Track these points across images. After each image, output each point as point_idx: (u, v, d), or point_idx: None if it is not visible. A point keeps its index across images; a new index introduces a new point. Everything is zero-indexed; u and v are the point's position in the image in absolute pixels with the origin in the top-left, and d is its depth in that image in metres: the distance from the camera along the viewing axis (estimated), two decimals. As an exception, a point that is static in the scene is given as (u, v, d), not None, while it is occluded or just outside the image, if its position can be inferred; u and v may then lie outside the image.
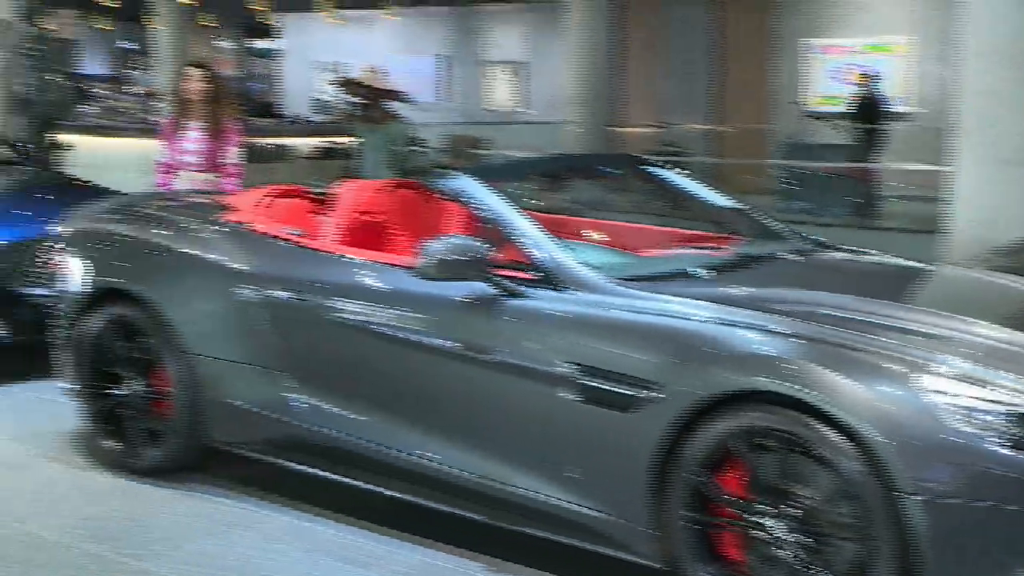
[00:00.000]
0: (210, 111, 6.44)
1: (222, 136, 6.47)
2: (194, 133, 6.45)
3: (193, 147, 6.45)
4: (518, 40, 19.59)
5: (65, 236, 5.08)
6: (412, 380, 3.81)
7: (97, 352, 4.65)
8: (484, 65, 19.93)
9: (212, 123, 6.44)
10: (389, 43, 20.55)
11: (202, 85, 6.42)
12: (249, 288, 4.19)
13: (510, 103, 19.80)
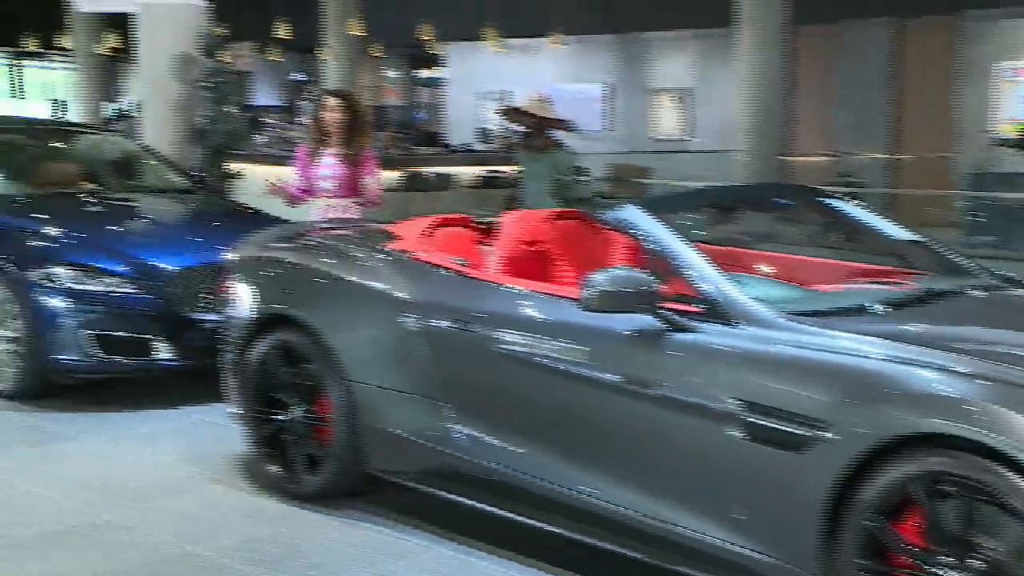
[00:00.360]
0: (348, 139, 6.57)
1: (360, 163, 6.59)
2: (330, 159, 6.60)
3: (329, 173, 6.59)
4: (684, 67, 19.49)
5: (233, 263, 5.31)
6: (574, 413, 3.82)
7: (262, 377, 4.83)
8: (649, 93, 19.90)
9: (349, 150, 6.57)
10: (554, 71, 20.74)
11: (340, 114, 6.56)
12: (412, 317, 4.29)
13: (676, 131, 19.69)
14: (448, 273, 4.36)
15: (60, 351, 6.08)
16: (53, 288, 6.09)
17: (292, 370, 4.71)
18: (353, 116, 6.59)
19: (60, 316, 6.07)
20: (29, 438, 5.66)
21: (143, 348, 6.13)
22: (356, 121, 6.60)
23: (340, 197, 6.58)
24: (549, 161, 8.07)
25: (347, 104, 6.61)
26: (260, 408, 4.85)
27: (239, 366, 4.94)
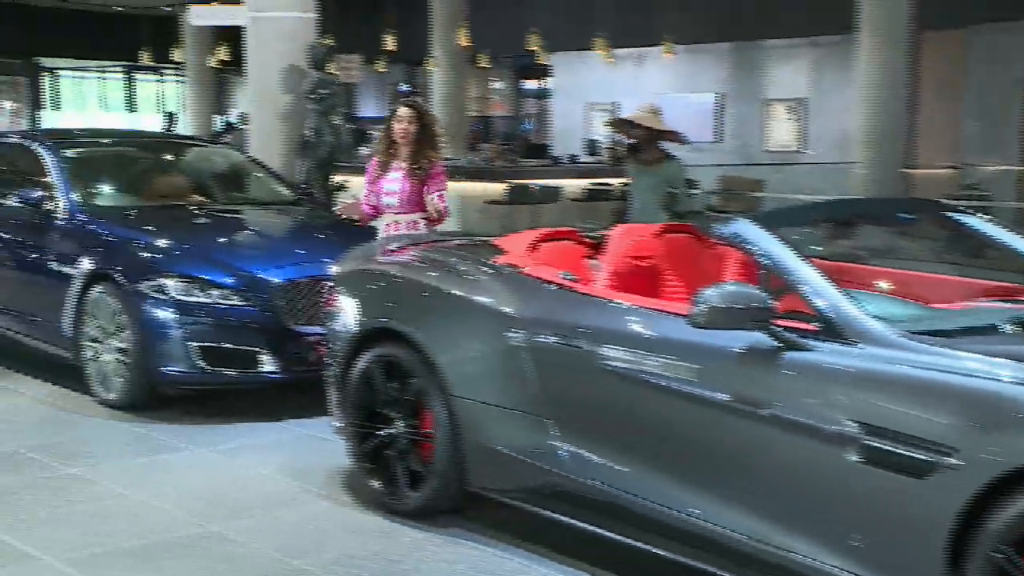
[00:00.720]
0: (416, 152, 6.41)
1: (427, 178, 6.40)
2: (398, 174, 6.45)
3: (395, 188, 6.44)
4: (799, 75, 19.20)
5: (338, 276, 5.40)
6: (682, 432, 3.79)
7: (365, 391, 4.89)
8: (762, 103, 19.67)
9: (417, 164, 6.40)
10: (663, 81, 20.64)
11: (410, 126, 6.41)
12: (518, 332, 4.30)
13: (790, 143, 19.41)
14: (555, 288, 4.36)
15: (167, 362, 6.26)
16: (161, 299, 6.27)
17: (395, 384, 4.76)
18: (422, 128, 6.43)
19: (168, 327, 6.24)
20: (139, 448, 5.83)
21: (248, 360, 6.27)
22: (425, 133, 6.44)
23: (405, 212, 6.41)
24: (659, 174, 8.02)
25: (417, 115, 6.44)
26: (363, 422, 4.91)
27: (342, 380, 5.01)
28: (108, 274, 6.53)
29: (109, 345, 6.53)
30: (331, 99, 11.05)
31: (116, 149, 8.48)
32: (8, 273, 7.43)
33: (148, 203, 7.50)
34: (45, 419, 6.35)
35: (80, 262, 6.74)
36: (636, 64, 21.10)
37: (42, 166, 7.48)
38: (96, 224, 6.94)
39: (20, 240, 7.36)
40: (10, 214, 7.48)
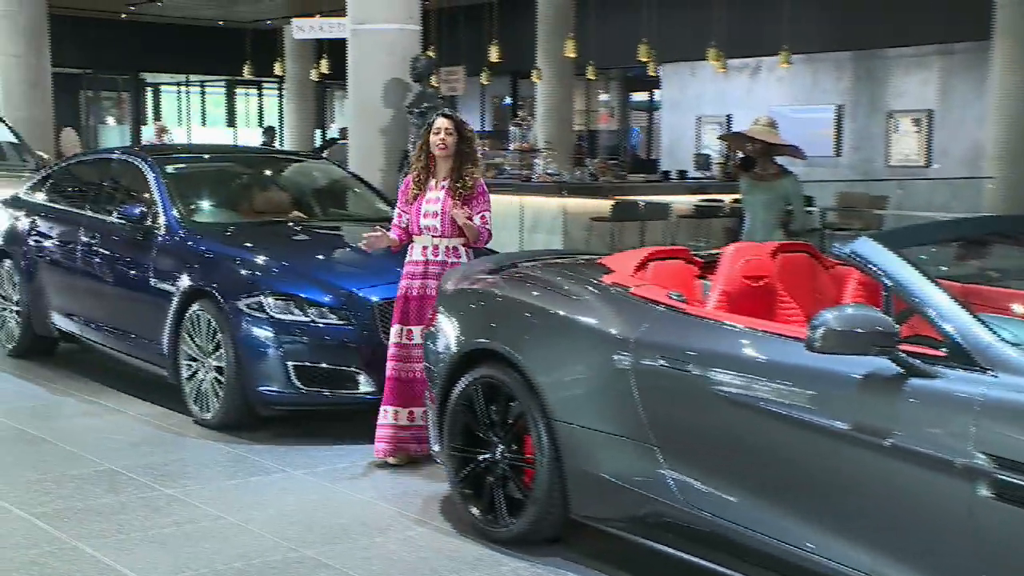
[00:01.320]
0: (457, 168, 5.95)
1: (469, 198, 5.93)
2: (439, 193, 5.94)
3: (437, 208, 5.91)
4: (925, 86, 18.81)
5: (440, 294, 5.43)
6: (797, 462, 3.72)
7: (465, 414, 4.91)
8: (885, 115, 19.30)
9: (460, 182, 5.93)
10: (780, 92, 20.40)
11: (449, 138, 5.94)
12: (624, 355, 4.27)
13: (915, 157, 19.01)
14: (663, 309, 4.33)
15: (264, 382, 6.36)
16: (259, 317, 6.38)
17: (496, 408, 4.77)
18: (461, 140, 5.98)
19: (265, 346, 6.35)
20: (234, 469, 5.93)
21: (345, 380, 6.34)
22: (465, 147, 5.98)
23: (447, 236, 5.90)
24: (774, 190, 7.92)
25: (455, 126, 5.99)
26: (462, 446, 4.92)
27: (442, 402, 5.03)
28: (206, 291, 6.67)
29: (206, 364, 6.66)
30: (432, 113, 11.17)
31: (216, 165, 8.68)
32: (108, 289, 7.65)
33: (247, 219, 7.65)
34: (144, 438, 6.51)
35: (179, 279, 6.90)
36: (750, 75, 20.90)
37: (143, 182, 7.70)
38: (195, 240, 7.11)
39: (120, 256, 7.57)
40: (111, 230, 7.71)
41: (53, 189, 8.89)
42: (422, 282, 5.87)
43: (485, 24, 19.88)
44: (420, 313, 5.80)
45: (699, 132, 21.72)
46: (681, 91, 22.26)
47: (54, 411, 7.19)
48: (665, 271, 4.77)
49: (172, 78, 30.60)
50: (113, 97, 30.62)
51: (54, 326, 8.32)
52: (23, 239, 8.66)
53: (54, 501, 5.33)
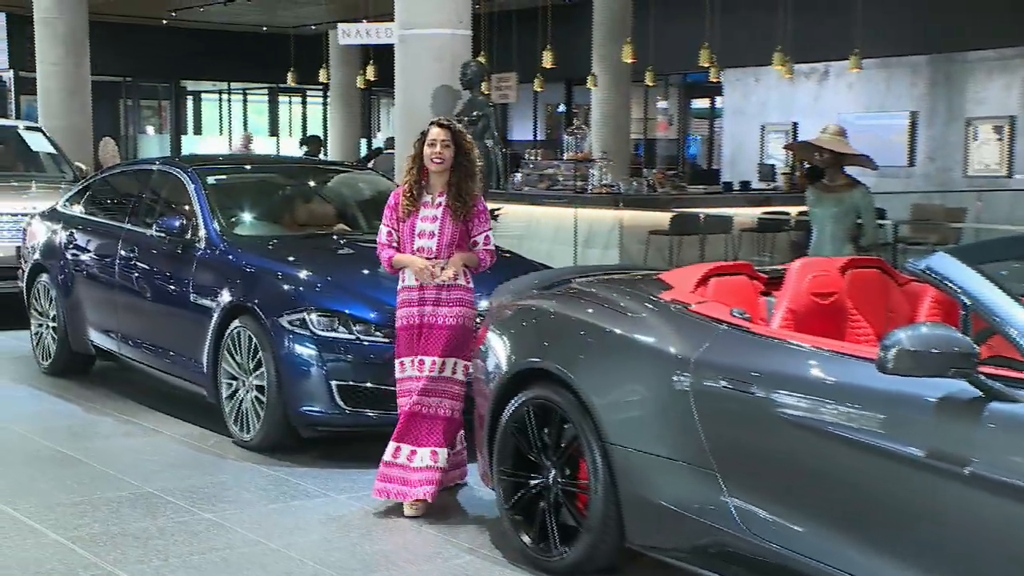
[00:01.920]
0: (457, 183, 5.63)
1: (469, 216, 5.65)
2: (435, 211, 5.63)
3: (434, 228, 5.61)
4: (1009, 91, 18.58)
5: (488, 311, 5.44)
6: (868, 490, 3.67)
7: (515, 437, 4.91)
8: (964, 122, 19.10)
9: (456, 199, 5.61)
10: (850, 99, 20.25)
11: (445, 151, 5.58)
12: (684, 375, 4.25)
13: (996, 166, 18.78)
14: (726, 327, 4.31)
15: (306, 402, 6.40)
16: (302, 335, 6.42)
17: (549, 430, 4.76)
18: (459, 153, 5.64)
19: (307, 365, 6.39)
20: (275, 493, 5.97)
21: (391, 401, 6.35)
22: (463, 163, 5.64)
23: (443, 258, 5.60)
24: (844, 202, 7.87)
25: (452, 136, 5.63)
26: (513, 471, 4.92)
27: (492, 424, 5.03)
28: (247, 307, 6.73)
29: (247, 383, 6.72)
30: (484, 121, 11.20)
31: (259, 175, 8.78)
32: (146, 305, 7.74)
33: (290, 232, 7.72)
34: (182, 460, 6.57)
35: (219, 294, 6.97)
36: (818, 81, 20.77)
37: (184, 193, 7.79)
38: (236, 254, 7.17)
39: (159, 270, 7.66)
40: (150, 243, 7.80)
41: (91, 201, 9.02)
42: (421, 310, 5.58)
43: (538, 28, 19.94)
44: (431, 342, 5.56)
45: (763, 141, 21.62)
46: (744, 98, 22.17)
47: (90, 431, 7.28)
48: (727, 287, 4.75)
49: (214, 86, 30.96)
50: (153, 106, 31.03)
51: (91, 343, 8.43)
52: (60, 253, 8.80)
53: (90, 525, 5.39)
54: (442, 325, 5.56)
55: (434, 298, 5.58)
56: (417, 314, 5.59)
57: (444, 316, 5.58)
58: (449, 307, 5.58)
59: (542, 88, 21.49)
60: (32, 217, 9.66)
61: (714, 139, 24.80)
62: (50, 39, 17.39)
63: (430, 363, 5.56)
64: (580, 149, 16.64)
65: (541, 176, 16.73)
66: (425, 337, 5.58)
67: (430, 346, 5.57)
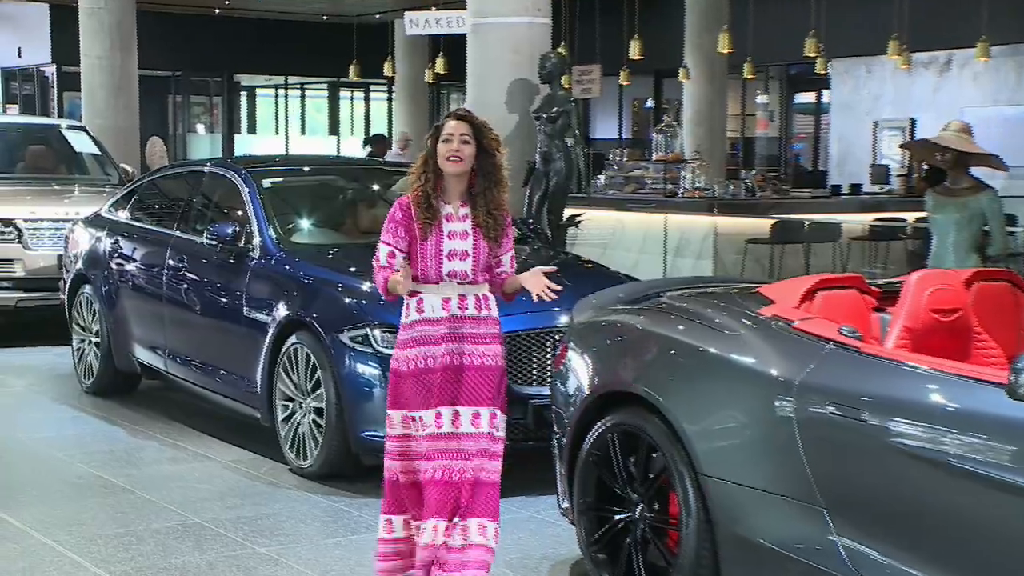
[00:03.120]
0: (485, 190, 4.96)
1: (500, 233, 4.99)
2: (463, 225, 4.93)
3: (467, 246, 4.91)
4: None
5: (570, 327, 5.43)
6: (995, 530, 3.63)
7: (599, 467, 4.90)
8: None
9: (488, 215, 4.94)
10: (976, 92, 19.97)
11: (466, 147, 4.91)
12: (787, 400, 4.22)
13: None
14: (834, 346, 4.27)
15: (369, 426, 6.43)
16: (364, 352, 6.47)
17: (635, 460, 4.75)
18: (481, 155, 4.96)
19: (370, 385, 6.44)
20: (333, 526, 6.02)
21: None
22: (487, 166, 4.97)
23: (475, 282, 4.93)
24: (968, 207, 7.77)
25: (473, 131, 4.96)
26: (595, 504, 4.91)
27: (572, 452, 5.03)
28: (305, 322, 6.80)
29: (304, 404, 6.78)
30: (564, 118, 11.20)
31: (318, 178, 8.87)
32: (195, 319, 7.85)
33: (352, 240, 7.78)
34: (233, 489, 6.65)
35: (274, 308, 7.05)
36: (939, 72, 20.52)
37: (237, 198, 7.89)
38: (293, 264, 7.26)
39: (210, 281, 7.77)
40: (200, 251, 7.91)
41: (137, 206, 9.18)
42: (449, 347, 4.84)
43: (625, 16, 19.91)
44: (465, 388, 4.84)
45: (876, 139, 21.39)
46: (855, 91, 21.96)
47: (135, 456, 7.39)
48: (835, 302, 4.71)
49: (269, 80, 31.33)
50: (204, 102, 31.48)
51: (136, 360, 8.57)
52: (104, 262, 8.95)
53: (135, 558, 5.47)
54: (479, 366, 4.85)
55: (469, 333, 4.87)
56: (443, 353, 4.82)
57: (483, 355, 4.86)
58: (487, 343, 4.89)
59: (628, 82, 21.47)
60: (75, 223, 9.85)
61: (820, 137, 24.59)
62: (95, 31, 17.72)
63: (470, 416, 4.82)
64: (670, 149, 16.61)
65: (627, 179, 16.72)
66: (453, 383, 4.83)
67: (464, 394, 4.83)
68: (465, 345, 4.86)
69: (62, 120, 17.94)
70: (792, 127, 25.77)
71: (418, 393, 4.85)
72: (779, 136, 25.62)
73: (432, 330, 4.87)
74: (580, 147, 11.74)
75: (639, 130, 27.35)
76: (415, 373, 4.87)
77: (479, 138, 4.95)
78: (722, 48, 18.27)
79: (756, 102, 26.17)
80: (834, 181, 19.79)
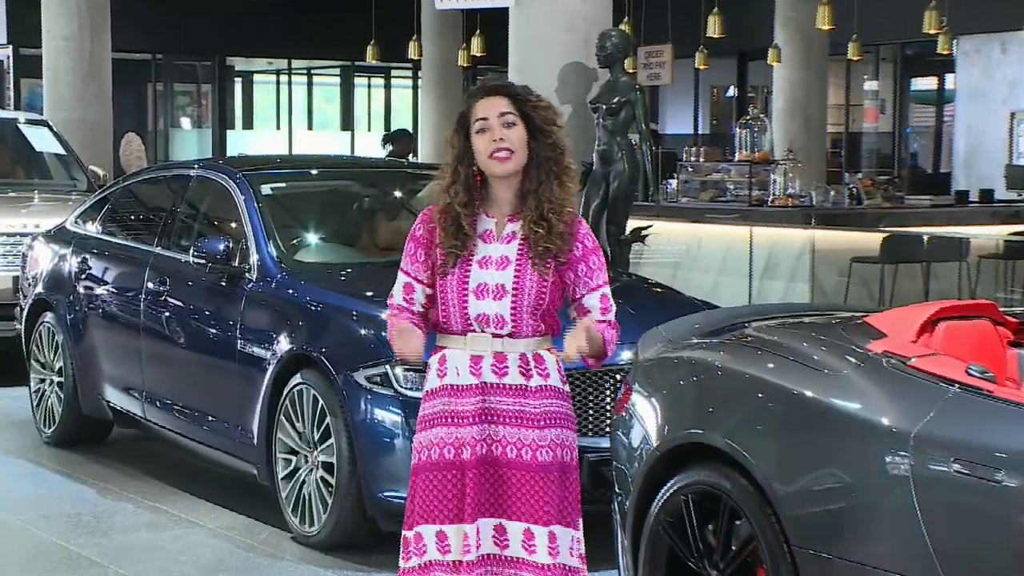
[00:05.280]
0: (531, 188, 4.38)
1: (563, 252, 4.37)
2: (502, 249, 4.39)
3: (498, 279, 4.36)
4: None
5: (635, 366, 5.42)
6: None
7: (671, 535, 4.88)
8: None
9: (537, 222, 4.34)
10: None
11: (512, 131, 4.36)
12: (902, 456, 4.20)
13: None
14: (960, 390, 4.26)
15: (389, 485, 6.43)
16: (384, 395, 6.48)
17: (715, 527, 4.74)
18: (533, 138, 4.39)
19: (391, 435, 6.44)
20: (344, 606, 6.02)
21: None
22: (541, 150, 4.38)
23: (522, 336, 4.37)
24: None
25: (516, 106, 4.39)
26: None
27: (637, 518, 5.02)
28: (312, 358, 6.81)
29: (311, 458, 6.79)
30: (628, 110, 11.19)
31: (328, 183, 8.90)
32: (179, 354, 7.89)
33: (369, 258, 7.80)
34: (224, 561, 6.66)
35: (275, 341, 7.08)
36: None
37: (230, 207, 7.92)
38: (298, 287, 7.29)
39: (197, 308, 7.82)
40: (186, 272, 7.94)
41: (110, 217, 9.23)
42: (483, 431, 4.30)
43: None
44: (504, 494, 4.30)
45: (1012, 134, 21.28)
46: (985, 75, 21.86)
47: (105, 522, 7.41)
48: (962, 335, 4.69)
49: (268, 64, 31.47)
50: (191, 91, 31.65)
51: (107, 403, 8.60)
52: (70, 285, 9.00)
53: (104, 646, 5.49)
54: (527, 463, 4.29)
55: (511, 411, 4.31)
56: (476, 439, 4.29)
57: (535, 445, 4.31)
58: (540, 427, 4.32)
59: (706, 65, 21.45)
60: (34, 238, 9.91)
61: (943, 132, 24.49)
62: (60, 6, 17.84)
63: (520, 536, 4.28)
64: (757, 147, 16.58)
65: (704, 183, 16.71)
66: (493, 484, 4.31)
67: (510, 502, 4.30)
68: (505, 429, 4.30)
69: (19, 113, 18.06)
70: (908, 119, 25.67)
71: (443, 498, 4.30)
72: (892, 130, 25.54)
73: (459, 404, 4.33)
74: (647, 145, 11.70)
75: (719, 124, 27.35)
76: (437, 466, 4.31)
77: (525, 114, 4.36)
78: (821, 24, 18.21)
79: (863, 89, 26.10)
80: (960, 186, 19.67)
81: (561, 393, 4.43)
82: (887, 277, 13.38)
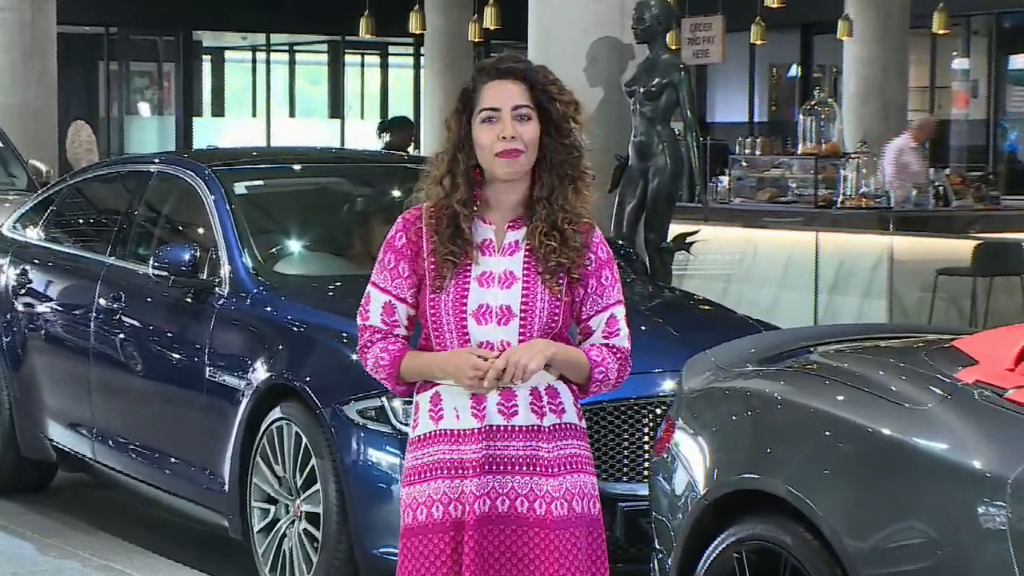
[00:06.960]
0: (547, 197, 4.28)
1: (576, 265, 4.30)
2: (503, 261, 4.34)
3: (502, 299, 4.28)
4: None
5: (678, 398, 5.42)
6: None
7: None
8: None
9: (548, 233, 4.26)
10: None
11: (526, 126, 4.28)
12: (999, 504, 4.20)
13: None
14: (1065, 427, 4.25)
15: (384, 538, 6.43)
16: (378, 433, 6.48)
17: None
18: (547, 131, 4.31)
19: (387, 480, 6.45)
20: None
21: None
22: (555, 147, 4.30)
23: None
24: None
25: (530, 91, 4.31)
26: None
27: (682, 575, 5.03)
28: (294, 388, 6.82)
29: (292, 508, 6.80)
30: (670, 93, 11.20)
31: (312, 180, 8.91)
32: (136, 384, 7.91)
33: (360, 270, 7.79)
34: (187, 629, 6.67)
35: (250, 368, 7.09)
36: None
37: (198, 209, 7.94)
38: (277, 304, 7.32)
39: (157, 329, 7.84)
40: (144, 287, 7.95)
41: (55, 221, 9.25)
42: (487, 483, 4.23)
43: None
44: (512, 559, 4.23)
45: None
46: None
47: (48, 582, 7.43)
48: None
49: (242, 40, 31.55)
50: (150, 71, 31.73)
51: (51, 443, 8.60)
52: (7, 303, 9.01)
53: None
54: (542, 519, 4.22)
55: (523, 456, 4.26)
56: (478, 493, 4.22)
57: (550, 497, 4.24)
58: (557, 475, 4.26)
59: (763, 40, 21.49)
60: (-36, 246, 9.93)
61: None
62: (-5, -28, 17.89)
63: None
64: (825, 137, 16.58)
65: (761, 180, 16.72)
66: (498, 548, 4.24)
67: (521, 569, 4.24)
68: (515, 478, 4.23)
69: (-53, 99, 18.11)
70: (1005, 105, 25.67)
71: (436, 565, 4.22)
72: (986, 118, 25.54)
73: (457, 452, 4.26)
74: (692, 136, 11.69)
75: (779, 110, 27.37)
76: (429, 527, 4.25)
77: (543, 105, 4.27)
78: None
79: (952, 69, 26.09)
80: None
81: (578, 431, 4.37)
82: (980, 292, 13.37)
